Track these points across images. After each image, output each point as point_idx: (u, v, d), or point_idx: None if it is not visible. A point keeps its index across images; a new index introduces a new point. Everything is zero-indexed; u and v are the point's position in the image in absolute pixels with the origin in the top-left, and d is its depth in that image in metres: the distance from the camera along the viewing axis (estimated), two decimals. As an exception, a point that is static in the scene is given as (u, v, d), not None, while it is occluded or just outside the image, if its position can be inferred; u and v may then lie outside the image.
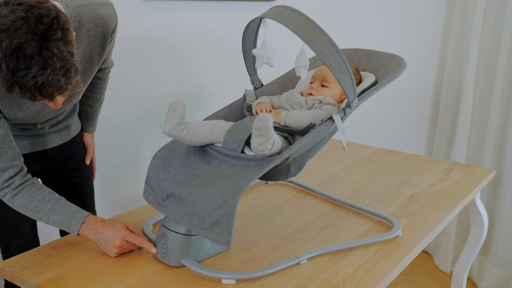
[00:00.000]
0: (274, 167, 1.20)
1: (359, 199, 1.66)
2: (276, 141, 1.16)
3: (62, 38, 1.04)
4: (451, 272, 2.84)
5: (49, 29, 1.02)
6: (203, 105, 2.12)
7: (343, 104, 1.32)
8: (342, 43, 1.34)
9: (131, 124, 1.94)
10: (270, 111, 1.33)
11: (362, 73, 1.41)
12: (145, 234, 1.37)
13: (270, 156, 1.18)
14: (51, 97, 1.08)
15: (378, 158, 2.06)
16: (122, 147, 1.94)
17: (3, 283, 1.55)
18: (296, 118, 1.26)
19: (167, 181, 1.24)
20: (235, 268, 1.24)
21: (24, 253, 1.29)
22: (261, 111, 1.33)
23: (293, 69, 1.49)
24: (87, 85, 1.45)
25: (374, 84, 1.36)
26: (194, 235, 1.23)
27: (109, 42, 1.39)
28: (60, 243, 1.34)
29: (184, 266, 1.23)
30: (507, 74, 2.55)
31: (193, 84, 2.08)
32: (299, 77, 1.48)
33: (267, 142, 1.13)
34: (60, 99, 1.12)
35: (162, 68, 1.96)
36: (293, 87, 1.47)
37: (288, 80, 1.48)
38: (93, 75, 1.42)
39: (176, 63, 2.00)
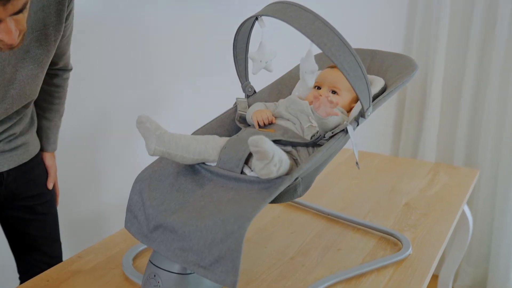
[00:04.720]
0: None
1: (353, 211, 1.53)
2: (284, 160, 0.99)
3: None
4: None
5: None
6: (167, 111, 1.91)
7: (353, 113, 1.18)
8: (303, 43, 1.15)
9: (83, 136, 1.70)
10: (272, 122, 1.16)
11: (369, 76, 1.26)
12: (125, 272, 1.17)
13: (277, 178, 1.01)
14: None
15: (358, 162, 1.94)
16: (73, 162, 1.69)
17: None
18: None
19: (154, 209, 1.04)
20: (240, 308, 1.07)
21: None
22: (258, 122, 1.16)
23: (287, 73, 1.33)
24: (43, 77, 1.21)
25: (384, 88, 1.21)
26: (191, 273, 1.04)
27: (67, 15, 1.17)
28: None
29: (181, 310, 1.04)
30: (477, 69, 2.51)
31: (153, 88, 1.87)
32: (295, 83, 1.31)
33: (270, 165, 0.94)
34: (10, 22, 0.86)
35: (117, 69, 1.73)
36: (290, 93, 1.30)
37: (283, 86, 1.31)
38: (50, 59, 1.19)
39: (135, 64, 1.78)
